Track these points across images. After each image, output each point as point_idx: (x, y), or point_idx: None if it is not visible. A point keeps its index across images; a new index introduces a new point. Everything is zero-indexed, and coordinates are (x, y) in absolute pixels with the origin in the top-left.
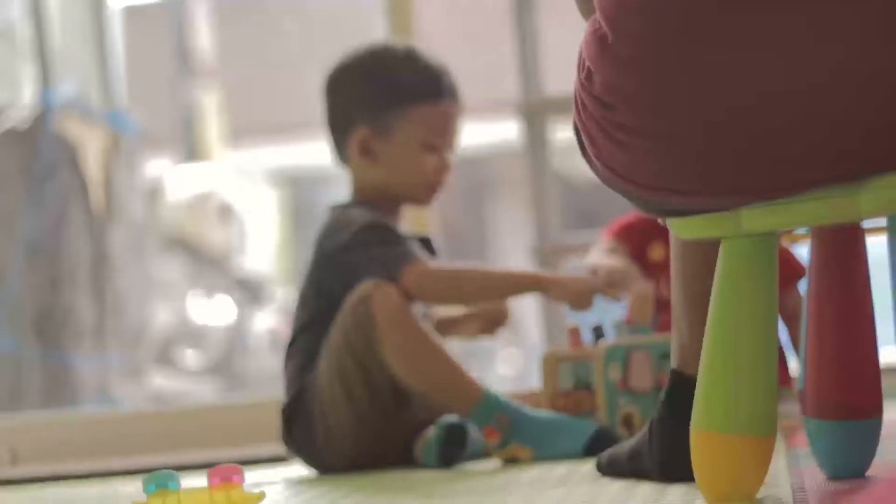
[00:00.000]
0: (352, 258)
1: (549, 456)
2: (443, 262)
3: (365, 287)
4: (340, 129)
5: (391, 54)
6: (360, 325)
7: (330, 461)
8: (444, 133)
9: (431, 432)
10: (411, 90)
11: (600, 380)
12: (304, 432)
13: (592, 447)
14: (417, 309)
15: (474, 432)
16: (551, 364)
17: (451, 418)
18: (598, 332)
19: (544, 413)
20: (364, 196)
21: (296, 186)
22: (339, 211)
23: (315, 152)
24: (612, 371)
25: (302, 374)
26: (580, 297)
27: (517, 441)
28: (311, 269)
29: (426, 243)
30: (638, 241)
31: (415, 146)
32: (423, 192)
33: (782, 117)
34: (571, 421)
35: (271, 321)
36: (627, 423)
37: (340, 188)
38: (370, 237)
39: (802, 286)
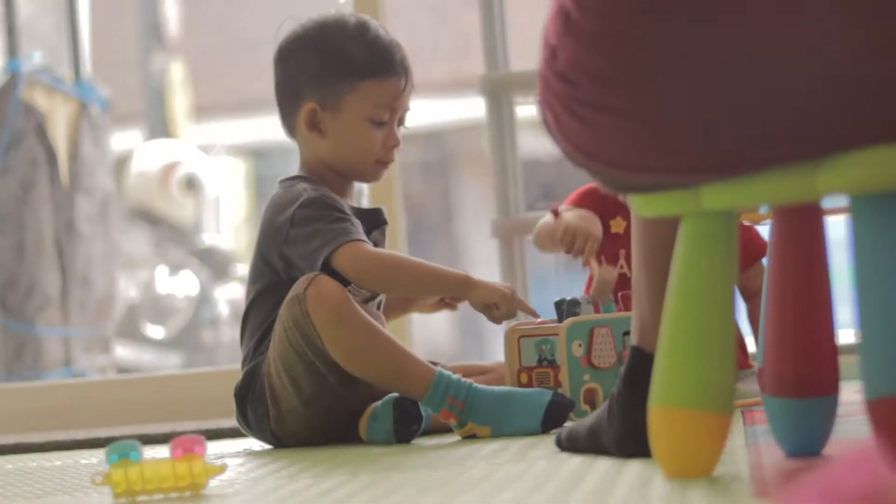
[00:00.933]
0: (293, 233)
1: (508, 433)
2: (378, 249)
3: (300, 284)
4: (289, 101)
5: (341, 27)
6: (298, 324)
7: (282, 441)
8: (392, 109)
9: (377, 409)
10: (359, 64)
11: (563, 356)
12: (257, 414)
13: (549, 420)
14: (359, 294)
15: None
16: (514, 340)
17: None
18: (564, 307)
19: (499, 389)
20: (311, 170)
21: (260, 160)
22: (286, 185)
23: (279, 127)
24: (575, 347)
25: (254, 354)
26: (490, 308)
27: (474, 421)
28: (259, 243)
29: (376, 214)
30: (600, 213)
31: (362, 121)
32: (370, 168)
33: (743, 94)
34: (525, 395)
35: (235, 294)
36: (590, 398)
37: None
38: (311, 213)
39: None
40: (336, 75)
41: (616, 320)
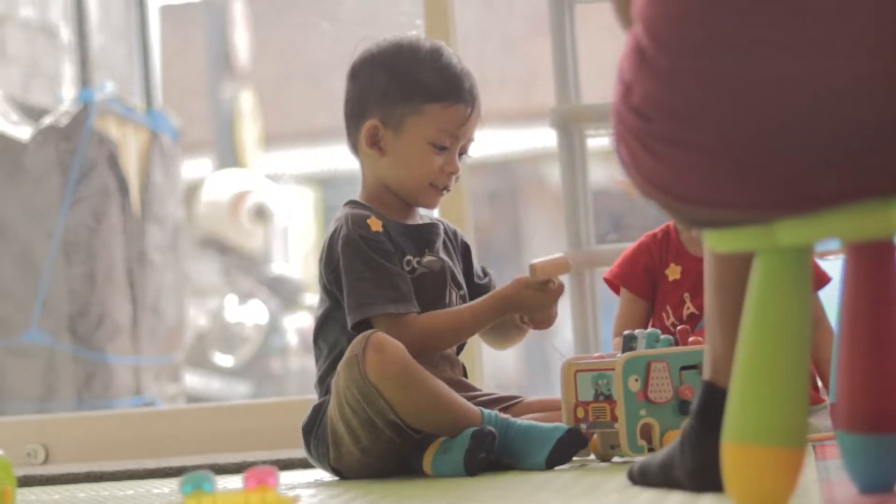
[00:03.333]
0: (339, 275)
1: (518, 468)
2: (409, 321)
3: (356, 344)
4: (355, 117)
5: (415, 50)
6: (357, 384)
7: (343, 476)
8: (454, 136)
9: (448, 443)
10: (426, 88)
11: (620, 390)
12: (318, 451)
13: (554, 456)
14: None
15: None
16: (570, 374)
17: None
18: (630, 346)
19: (524, 423)
20: (371, 189)
21: (328, 189)
22: (346, 210)
23: (348, 155)
24: (632, 382)
25: (322, 387)
26: (535, 299)
27: (501, 456)
28: (320, 269)
29: (431, 229)
30: (654, 265)
31: (422, 144)
32: (424, 191)
33: (817, 129)
34: (541, 430)
35: (303, 323)
36: (646, 433)
37: None
38: (350, 253)
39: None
40: (402, 96)
41: (673, 355)
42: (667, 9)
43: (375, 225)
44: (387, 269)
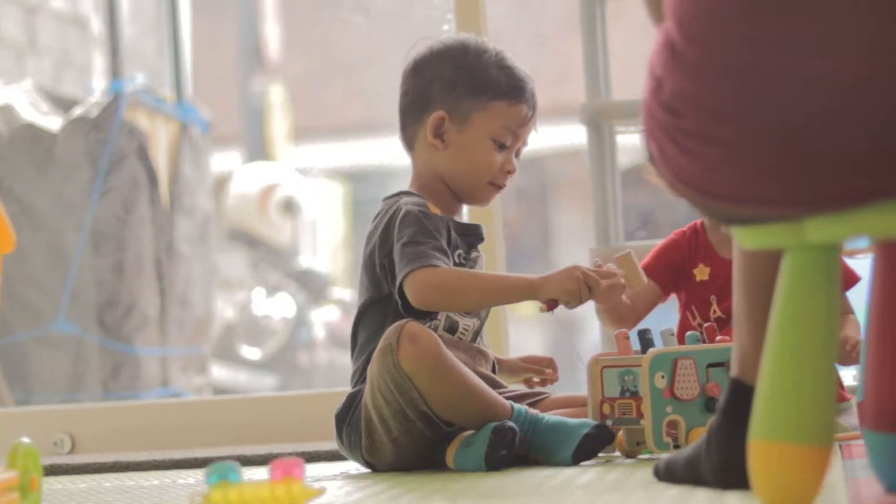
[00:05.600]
0: (386, 250)
1: (545, 463)
2: (444, 270)
3: (390, 333)
4: (417, 109)
5: (482, 49)
6: (389, 373)
7: (373, 467)
8: (515, 134)
9: (470, 437)
10: (494, 85)
11: (646, 387)
12: (351, 440)
13: (580, 452)
14: (466, 335)
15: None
16: (597, 370)
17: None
18: (647, 339)
19: (552, 418)
20: (423, 182)
21: (357, 183)
22: (390, 201)
23: (378, 150)
24: (658, 379)
25: (360, 377)
26: (569, 292)
27: (531, 451)
28: (364, 258)
29: (475, 230)
30: (682, 264)
31: (485, 139)
32: (482, 187)
33: (848, 126)
34: (568, 425)
35: (331, 316)
36: (672, 430)
37: (402, 186)
38: (407, 226)
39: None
40: (470, 90)
41: (700, 352)
42: (698, 4)
43: (434, 209)
44: (439, 242)
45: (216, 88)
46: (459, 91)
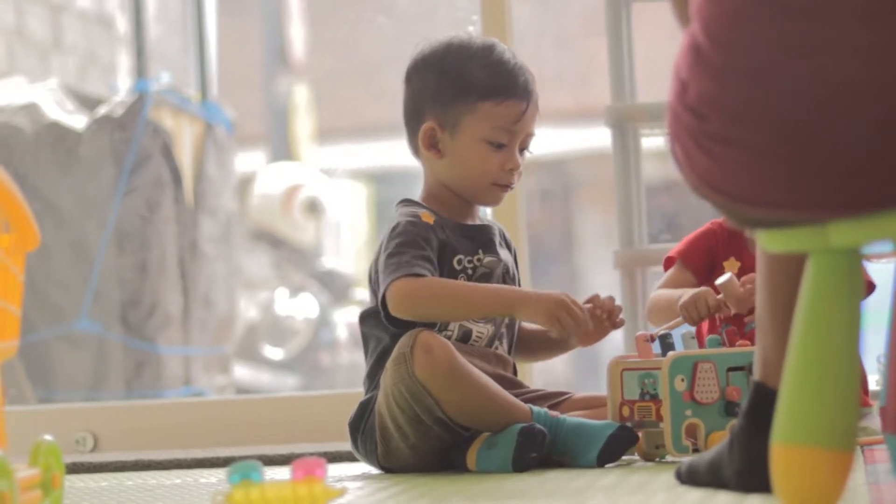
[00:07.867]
0: (380, 260)
1: (569, 465)
2: (420, 280)
3: (404, 342)
4: (412, 120)
5: (465, 48)
6: (404, 382)
7: (391, 472)
8: (510, 132)
9: (494, 438)
10: (477, 86)
11: (666, 390)
12: (366, 447)
13: (605, 454)
14: (480, 340)
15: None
16: (617, 372)
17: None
18: (667, 342)
19: (573, 420)
20: (431, 190)
21: (381, 184)
22: (398, 207)
23: (402, 151)
24: (678, 382)
25: (370, 382)
26: (549, 317)
27: (552, 453)
28: (371, 268)
29: (485, 231)
30: (713, 255)
31: (479, 143)
32: (486, 190)
33: (872, 130)
34: (592, 427)
35: (353, 317)
36: (692, 433)
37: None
38: (395, 239)
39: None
40: (454, 95)
41: (720, 356)
42: (724, 7)
43: (427, 218)
44: (425, 252)
45: (241, 88)
46: (445, 98)
